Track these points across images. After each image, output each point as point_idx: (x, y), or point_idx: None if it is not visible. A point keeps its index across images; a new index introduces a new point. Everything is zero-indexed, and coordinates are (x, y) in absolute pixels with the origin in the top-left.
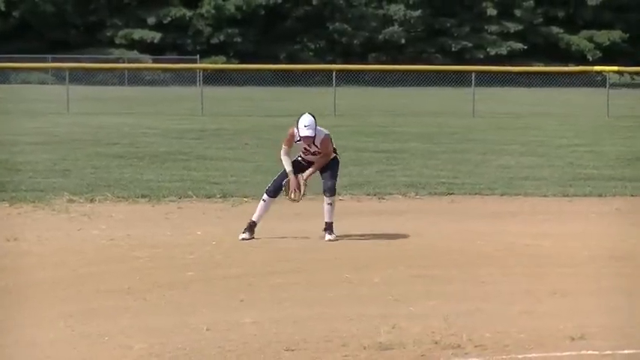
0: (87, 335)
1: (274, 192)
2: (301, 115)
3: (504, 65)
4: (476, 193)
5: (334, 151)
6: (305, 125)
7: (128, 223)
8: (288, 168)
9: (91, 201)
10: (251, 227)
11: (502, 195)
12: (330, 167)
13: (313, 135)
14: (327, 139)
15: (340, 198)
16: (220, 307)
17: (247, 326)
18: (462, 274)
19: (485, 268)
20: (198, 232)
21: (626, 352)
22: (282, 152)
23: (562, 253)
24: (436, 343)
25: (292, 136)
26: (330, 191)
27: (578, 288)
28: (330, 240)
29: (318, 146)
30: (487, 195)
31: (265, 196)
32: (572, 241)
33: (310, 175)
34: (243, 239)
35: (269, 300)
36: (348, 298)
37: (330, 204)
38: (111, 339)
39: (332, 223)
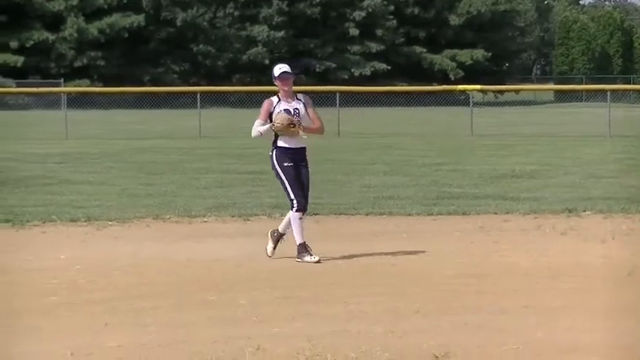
0: None
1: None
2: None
3: (368, 85)
4: (340, 213)
5: None
6: (280, 67)
7: None
8: (263, 127)
9: None
10: (305, 247)
11: (367, 215)
12: (303, 175)
13: (292, 75)
14: (307, 95)
15: (205, 220)
16: (84, 332)
17: (112, 350)
18: (326, 295)
19: (349, 288)
20: (62, 257)
21: None
22: (254, 124)
23: (426, 271)
24: None
25: (269, 104)
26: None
27: (441, 306)
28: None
29: (302, 100)
30: (352, 215)
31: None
32: (436, 259)
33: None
34: (318, 261)
35: (134, 324)
36: (214, 321)
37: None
38: None
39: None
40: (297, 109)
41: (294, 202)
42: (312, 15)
